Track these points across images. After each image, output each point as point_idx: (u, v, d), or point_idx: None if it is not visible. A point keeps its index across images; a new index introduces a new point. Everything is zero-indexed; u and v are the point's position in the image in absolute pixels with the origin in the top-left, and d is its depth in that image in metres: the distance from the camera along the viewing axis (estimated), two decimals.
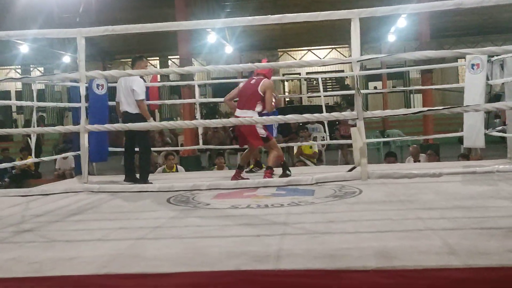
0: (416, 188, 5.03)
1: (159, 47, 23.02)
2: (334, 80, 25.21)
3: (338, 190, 5.24)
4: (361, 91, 3.06)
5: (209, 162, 14.03)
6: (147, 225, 4.05)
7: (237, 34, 21.40)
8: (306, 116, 3.23)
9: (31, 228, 4.12)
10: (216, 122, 4.03)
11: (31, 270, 2.96)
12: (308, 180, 3.13)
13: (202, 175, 8.33)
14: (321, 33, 21.44)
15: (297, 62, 3.70)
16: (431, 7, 3.47)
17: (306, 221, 3.92)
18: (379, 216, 3.98)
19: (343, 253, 2.96)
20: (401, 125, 16.45)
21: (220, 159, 10.12)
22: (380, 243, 3.13)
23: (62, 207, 4.97)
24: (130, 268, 2.92)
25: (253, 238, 3.44)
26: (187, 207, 4.76)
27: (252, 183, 3.28)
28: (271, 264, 2.83)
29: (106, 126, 3.51)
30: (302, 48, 25.93)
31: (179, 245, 3.35)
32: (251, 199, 4.94)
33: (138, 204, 5.02)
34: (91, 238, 3.71)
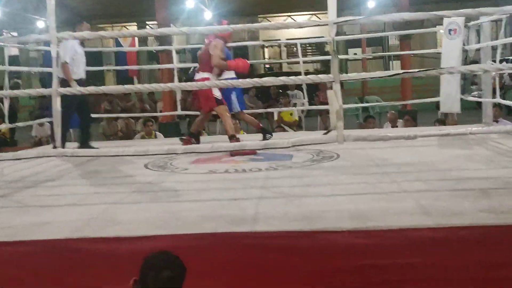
0: (392, 153, 5.06)
1: (136, 12, 22.58)
2: (314, 47, 25.07)
3: (316, 155, 5.25)
4: (337, 54, 3.03)
5: (188, 128, 13.94)
6: (123, 190, 4.03)
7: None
8: (282, 78, 3.21)
9: (4, 194, 4.06)
10: (191, 85, 3.97)
11: (5, 235, 2.93)
12: (285, 143, 3.12)
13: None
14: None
15: (274, 25, 3.64)
16: None
17: (284, 185, 3.93)
18: (356, 179, 3.99)
19: (319, 215, 2.98)
20: (380, 91, 16.44)
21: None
22: (355, 205, 3.16)
23: (36, 173, 4.90)
24: (105, 232, 2.90)
25: (230, 201, 3.44)
26: (165, 172, 4.74)
27: (229, 147, 3.25)
28: (248, 227, 2.83)
29: (79, 89, 3.44)
30: (282, 14, 25.68)
31: (156, 209, 3.34)
32: (229, 164, 4.93)
33: (114, 169, 4.98)
34: (65, 203, 3.68)
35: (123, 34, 9.15)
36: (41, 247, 2.81)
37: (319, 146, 5.44)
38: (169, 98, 13.75)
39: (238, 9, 23.64)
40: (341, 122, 2.94)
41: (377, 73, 3.45)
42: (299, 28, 4.01)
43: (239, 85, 3.17)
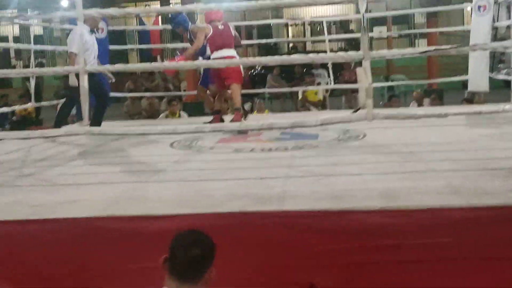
0: (420, 132, 4.98)
1: None
2: (339, 25, 24.75)
3: (342, 134, 5.19)
4: (367, 31, 2.96)
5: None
6: (150, 168, 4.04)
7: None
8: (311, 56, 3.15)
9: (32, 172, 4.10)
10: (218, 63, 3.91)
11: (33, 213, 2.96)
12: (313, 122, 3.08)
13: (206, 120, 8.27)
14: None
15: (304, 1, 3.57)
16: None
17: (310, 164, 3.89)
18: (383, 158, 3.94)
19: (347, 195, 2.94)
20: (405, 71, 16.18)
21: (225, 104, 10.03)
22: (384, 184, 3.11)
23: (63, 152, 4.94)
24: (132, 210, 2.91)
25: (256, 180, 3.42)
26: (190, 151, 4.73)
27: (256, 126, 3.22)
28: (275, 206, 2.81)
29: (106, 67, 3.43)
30: None
31: (182, 188, 3.33)
32: (255, 143, 4.90)
33: (140, 148, 4.99)
34: (92, 181, 3.69)
35: (148, 10, 9.08)
36: (69, 225, 2.83)
37: (345, 125, 5.38)
38: (193, 77, 13.73)
39: None
40: (370, 100, 2.89)
41: (408, 50, 3.38)
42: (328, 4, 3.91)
43: (267, 63, 3.10)
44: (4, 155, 4.86)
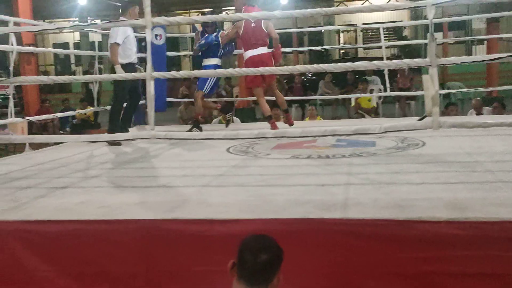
0: (482, 141, 4.86)
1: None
2: (392, 31, 24.44)
3: (400, 142, 5.12)
4: (435, 38, 2.92)
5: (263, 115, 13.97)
6: (210, 173, 4.08)
7: None
8: (376, 63, 3.12)
9: (97, 174, 4.22)
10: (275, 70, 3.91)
11: (100, 213, 3.03)
12: (377, 129, 3.04)
13: (259, 126, 8.31)
14: None
15: (368, 7, 3.54)
16: None
17: (370, 172, 3.85)
18: (446, 168, 3.86)
19: (411, 204, 2.89)
20: (462, 78, 15.84)
21: (276, 111, 10.05)
22: (449, 194, 3.04)
23: (125, 154, 5.07)
24: (195, 214, 2.94)
25: (317, 187, 3.41)
26: (248, 157, 4.77)
27: (319, 132, 3.22)
28: (339, 213, 2.79)
29: (172, 73, 3.50)
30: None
31: (244, 193, 3.35)
32: (311, 150, 4.90)
33: (199, 153, 5.06)
34: (155, 184, 3.77)
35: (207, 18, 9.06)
36: (135, 226, 2.89)
37: (403, 133, 5.31)
38: (245, 83, 13.84)
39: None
40: (436, 108, 2.84)
41: (478, 57, 3.29)
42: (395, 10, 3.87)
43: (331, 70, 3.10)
44: (69, 158, 5.02)
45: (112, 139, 4.30)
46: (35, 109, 13.34)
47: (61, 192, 3.61)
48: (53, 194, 3.55)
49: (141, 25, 3.38)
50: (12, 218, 2.99)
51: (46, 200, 3.38)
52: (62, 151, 5.48)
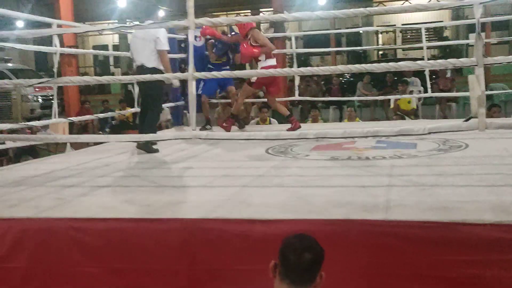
0: None
1: (250, 0, 22.92)
2: (432, 32, 24.07)
3: (442, 143, 5.05)
4: (481, 37, 2.86)
5: (301, 115, 13.95)
6: (250, 173, 4.10)
7: None
8: (420, 63, 3.08)
9: (138, 174, 4.28)
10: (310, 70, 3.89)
11: (144, 212, 3.08)
12: (421, 130, 3.00)
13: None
14: None
15: (413, 6, 3.50)
16: None
17: (412, 174, 3.81)
18: (491, 170, 3.78)
19: (456, 206, 2.84)
20: (506, 79, 15.45)
21: (315, 112, 10.03)
22: (495, 197, 2.98)
23: (165, 155, 5.13)
24: (238, 214, 2.96)
25: (358, 188, 3.38)
26: (287, 158, 4.76)
27: (362, 132, 3.19)
28: (381, 214, 2.76)
29: (214, 74, 3.53)
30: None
31: (284, 193, 3.35)
32: (351, 151, 4.87)
33: (238, 153, 5.09)
34: (196, 184, 3.81)
35: (253, 18, 9.21)
36: (178, 225, 2.92)
37: (445, 135, 5.23)
38: (283, 85, 13.85)
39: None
40: (482, 109, 2.78)
41: None
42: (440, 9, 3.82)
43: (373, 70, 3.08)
44: (110, 158, 5.12)
45: (155, 139, 4.35)
46: (75, 110, 13.64)
47: (104, 190, 3.69)
48: (97, 192, 3.62)
49: (184, 25, 3.41)
50: (59, 216, 3.06)
51: (91, 198, 3.45)
52: (103, 151, 5.58)
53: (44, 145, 10.50)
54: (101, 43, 28.63)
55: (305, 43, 25.75)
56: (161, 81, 5.27)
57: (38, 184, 3.94)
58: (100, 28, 5.05)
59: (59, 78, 4.58)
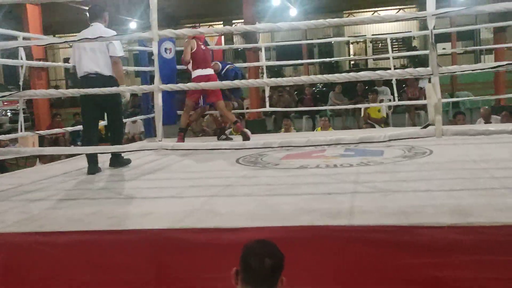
0: (489, 149, 4.89)
1: (223, 10, 23.02)
2: (401, 42, 24.49)
3: (408, 150, 5.16)
4: (436, 48, 2.97)
5: (275, 125, 14.05)
6: (219, 183, 4.13)
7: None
8: (380, 73, 3.17)
9: (107, 186, 4.29)
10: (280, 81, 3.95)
11: (110, 224, 3.09)
12: (381, 137, 3.09)
13: (270, 138, 8.37)
14: None
15: (370, 18, 3.60)
16: None
17: (377, 180, 3.89)
18: (452, 175, 3.89)
19: (416, 210, 2.92)
20: (471, 87, 15.81)
21: (287, 121, 10.14)
22: (454, 201, 3.07)
23: (134, 167, 5.13)
24: (205, 223, 2.99)
25: (324, 195, 3.45)
26: (256, 167, 4.82)
27: (324, 141, 3.26)
28: (344, 220, 2.83)
29: (179, 85, 3.57)
30: (369, 9, 25.25)
31: (252, 202, 3.40)
32: (319, 160, 4.95)
33: (208, 164, 5.13)
34: (165, 195, 3.83)
35: (214, 30, 9.31)
36: (145, 236, 2.94)
37: (410, 142, 5.35)
38: (256, 95, 13.94)
39: (323, 5, 23.48)
40: (439, 116, 2.88)
41: (478, 65, 3.34)
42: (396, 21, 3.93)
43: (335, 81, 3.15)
44: (79, 170, 5.10)
45: (121, 150, 4.36)
46: (46, 124, 13.49)
47: (72, 203, 3.68)
48: (64, 205, 3.62)
49: (148, 38, 3.45)
50: (24, 230, 3.05)
51: (58, 211, 3.45)
52: (73, 164, 5.56)
53: (13, 160, 10.39)
54: (70, 55, 28.40)
55: (278, 53, 25.96)
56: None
57: (4, 199, 3.92)
58: (63, 40, 5.01)
59: (23, 92, 4.55)
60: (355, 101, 13.29)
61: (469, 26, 12.79)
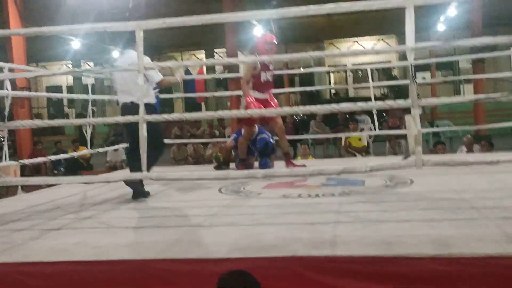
0: (469, 179, 4.97)
1: (205, 40, 23.23)
2: (381, 71, 24.89)
3: (389, 180, 5.23)
4: (415, 80, 3.05)
5: None
6: (202, 213, 4.15)
7: (283, 26, 21.37)
8: (359, 104, 3.25)
9: (91, 215, 4.28)
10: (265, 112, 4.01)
11: (94, 254, 3.09)
12: (362, 168, 3.15)
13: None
14: (368, 23, 21.17)
15: (351, 51, 3.70)
16: None
17: (359, 210, 3.94)
18: (433, 205, 3.95)
19: (399, 241, 2.97)
20: (451, 117, 16.10)
21: (305, 147, 10.25)
22: (435, 231, 3.12)
23: (118, 196, 5.12)
24: (189, 253, 3.01)
25: (307, 225, 3.49)
26: (239, 197, 4.84)
27: (305, 172, 3.31)
28: (327, 251, 2.86)
29: (164, 116, 3.61)
30: (348, 39, 25.69)
31: (235, 232, 3.42)
32: (301, 189, 4.99)
33: (190, 194, 5.14)
34: (148, 225, 3.83)
35: (197, 63, 9.38)
36: (129, 266, 2.95)
37: (392, 172, 5.42)
38: (237, 124, 14.01)
39: (305, 34, 23.85)
40: (419, 147, 2.95)
41: (456, 98, 3.44)
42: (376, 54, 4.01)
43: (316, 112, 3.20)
44: (62, 199, 5.09)
45: (104, 180, 4.36)
46: (27, 152, 13.41)
47: (55, 233, 3.67)
48: (48, 235, 3.60)
49: (134, 70, 3.50)
50: (8, 260, 3.04)
51: (41, 241, 3.44)
52: (55, 193, 5.54)
53: None
54: (55, 84, 28.37)
55: None
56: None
57: None
58: (51, 72, 5.04)
59: (10, 122, 4.56)
60: (336, 130, 13.44)
61: (449, 57, 13.06)
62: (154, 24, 3.68)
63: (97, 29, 3.92)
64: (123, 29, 3.82)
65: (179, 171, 7.11)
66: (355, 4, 3.30)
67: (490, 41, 3.08)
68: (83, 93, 7.13)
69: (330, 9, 3.24)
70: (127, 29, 3.74)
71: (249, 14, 4.39)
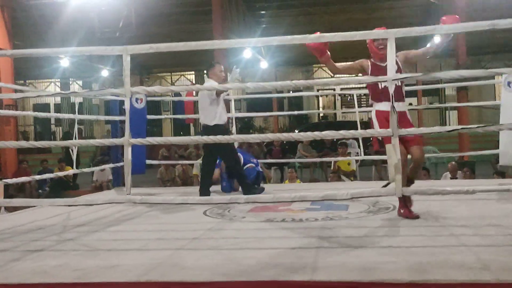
0: (450, 206, 5.04)
1: (195, 62, 23.40)
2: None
3: (372, 205, 5.28)
4: (395, 110, 3.13)
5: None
6: (185, 236, 4.17)
7: (272, 49, 21.60)
8: (342, 132, 3.32)
9: (73, 237, 4.28)
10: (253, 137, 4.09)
11: (75, 276, 3.10)
12: (344, 195, 3.20)
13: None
14: (356, 49, 21.40)
15: (333, 81, 3.79)
16: (465, 28, 3.53)
17: (341, 235, 3.98)
18: (413, 232, 4.01)
19: (377, 267, 3.02)
20: (436, 142, 16.29)
21: (292, 172, 10.30)
22: (413, 257, 3.18)
23: (101, 218, 5.13)
24: (170, 277, 3.03)
25: (288, 250, 3.53)
26: (223, 220, 4.87)
27: (289, 197, 3.36)
28: (307, 275, 2.90)
29: (149, 140, 3.65)
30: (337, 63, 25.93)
31: (217, 256, 3.45)
32: (285, 213, 5.03)
33: (175, 216, 5.16)
34: (131, 247, 3.84)
35: (190, 88, 9.44)
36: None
37: (376, 198, 5.48)
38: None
39: (293, 58, 24.10)
40: (399, 176, 3.01)
41: (436, 129, 3.52)
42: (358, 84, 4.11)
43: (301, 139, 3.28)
44: (45, 220, 5.08)
45: (87, 203, 4.37)
46: (12, 170, 13.35)
47: (37, 255, 3.67)
48: (30, 257, 3.60)
49: (121, 94, 3.55)
50: None
51: (23, 263, 3.44)
52: (39, 213, 5.52)
53: None
54: (42, 102, 28.31)
55: (249, 104, 26.34)
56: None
57: None
58: (36, 93, 5.08)
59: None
60: (323, 154, 13.51)
61: (434, 85, 13.30)
62: (141, 49, 3.74)
63: (85, 52, 3.97)
64: (110, 53, 3.88)
65: (165, 193, 7.15)
66: (337, 34, 3.39)
67: (468, 74, 3.18)
68: (70, 111, 7.16)
69: (312, 38, 3.33)
70: (114, 53, 3.80)
71: (233, 41, 4.58)
